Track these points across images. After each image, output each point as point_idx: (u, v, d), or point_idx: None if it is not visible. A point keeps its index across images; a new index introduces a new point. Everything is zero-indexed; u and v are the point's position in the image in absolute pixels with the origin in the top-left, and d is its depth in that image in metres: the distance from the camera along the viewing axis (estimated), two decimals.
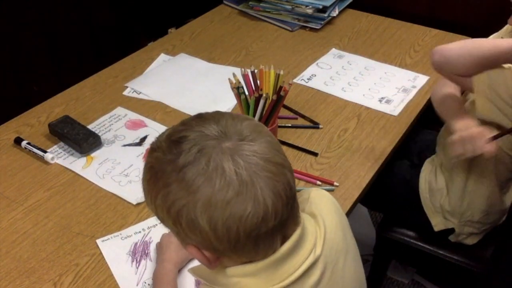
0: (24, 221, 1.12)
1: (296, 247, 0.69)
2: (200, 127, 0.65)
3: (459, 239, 1.38)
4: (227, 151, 0.62)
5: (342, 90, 1.54)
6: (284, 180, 0.64)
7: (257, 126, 0.68)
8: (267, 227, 0.63)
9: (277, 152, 0.66)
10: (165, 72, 1.62)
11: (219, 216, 0.61)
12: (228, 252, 0.66)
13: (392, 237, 1.48)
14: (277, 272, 0.68)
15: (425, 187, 1.39)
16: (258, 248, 0.65)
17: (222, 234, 0.62)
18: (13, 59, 1.77)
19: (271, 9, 1.90)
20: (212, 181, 0.61)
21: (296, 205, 0.68)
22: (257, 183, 0.61)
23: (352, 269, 0.79)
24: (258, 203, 0.61)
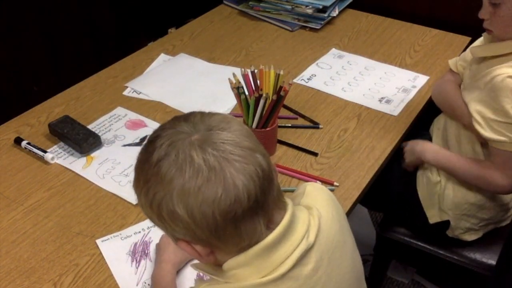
0: (24, 221, 1.12)
1: (286, 233, 0.70)
2: (172, 126, 0.70)
3: (456, 234, 1.38)
4: (195, 142, 0.66)
5: (342, 90, 1.54)
6: (254, 162, 0.66)
7: (226, 117, 0.71)
8: (242, 209, 0.65)
9: (246, 138, 0.69)
10: (165, 72, 1.62)
11: (194, 203, 0.64)
12: (214, 241, 0.68)
13: (392, 237, 1.48)
14: (269, 260, 0.69)
15: (422, 180, 1.40)
16: (240, 232, 0.67)
17: (200, 221, 0.65)
18: (13, 59, 1.77)
19: (271, 9, 1.90)
20: (182, 170, 0.64)
21: (275, 188, 0.70)
22: (226, 168, 0.64)
23: (350, 261, 0.79)
24: (228, 185, 0.64)
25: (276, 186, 0.71)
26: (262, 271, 0.69)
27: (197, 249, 0.70)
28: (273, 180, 0.70)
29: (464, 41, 1.74)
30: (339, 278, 0.76)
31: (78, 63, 1.97)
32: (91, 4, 1.96)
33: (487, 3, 1.17)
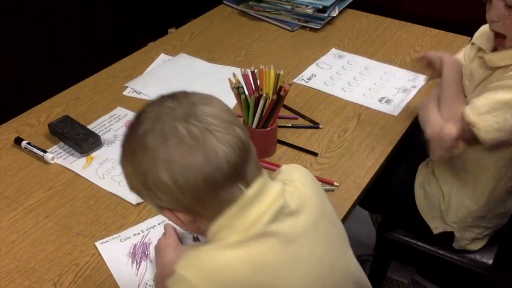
0: (24, 221, 1.12)
1: (260, 194, 0.74)
2: (158, 102, 0.74)
3: (462, 245, 1.37)
4: (180, 116, 0.71)
5: (342, 90, 1.54)
6: (234, 133, 0.72)
7: (208, 95, 0.76)
8: (222, 174, 0.70)
9: (226, 112, 0.74)
10: (165, 72, 1.62)
11: (177, 170, 0.69)
12: (197, 207, 0.72)
13: (392, 238, 1.48)
14: (244, 218, 0.72)
15: (420, 193, 1.39)
16: (220, 198, 0.71)
17: (184, 186, 0.69)
18: (13, 59, 1.77)
19: (271, 9, 1.90)
20: (167, 140, 0.69)
21: (253, 159, 0.75)
22: (207, 137, 0.69)
23: (336, 235, 0.83)
24: (210, 153, 0.69)
25: (254, 158, 0.75)
26: (239, 229, 0.72)
27: (180, 217, 0.75)
28: (251, 151, 0.75)
29: (464, 41, 1.74)
30: (324, 244, 0.79)
31: (78, 63, 1.97)
32: (91, 4, 1.96)
33: (501, 5, 1.14)
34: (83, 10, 1.94)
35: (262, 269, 0.71)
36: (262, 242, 0.72)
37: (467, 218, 1.32)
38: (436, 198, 1.35)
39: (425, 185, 1.38)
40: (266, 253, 0.72)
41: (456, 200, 1.32)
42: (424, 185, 1.38)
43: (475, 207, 1.30)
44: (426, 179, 1.39)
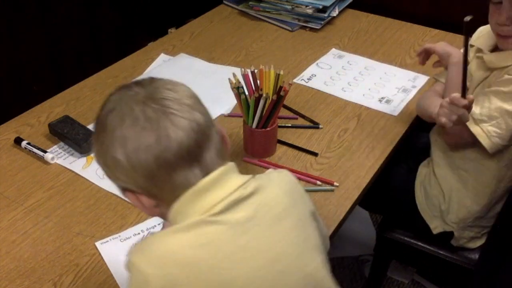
0: (24, 221, 1.12)
1: (218, 181, 0.75)
2: (126, 87, 0.77)
3: (461, 243, 1.37)
4: (140, 99, 0.73)
5: (342, 90, 1.54)
6: (191, 118, 0.73)
7: (175, 82, 0.78)
8: (174, 157, 0.71)
9: (189, 98, 0.75)
10: (165, 72, 1.62)
11: (131, 149, 0.71)
12: (153, 189, 0.74)
13: (392, 237, 1.48)
14: (199, 204, 0.74)
15: (420, 193, 1.39)
16: (173, 180, 0.73)
17: (137, 166, 0.72)
18: (13, 59, 1.77)
19: (271, 9, 1.90)
20: (124, 121, 0.72)
21: (212, 146, 0.76)
22: (161, 119, 0.71)
23: (302, 238, 0.80)
24: (161, 134, 0.71)
25: (215, 146, 0.76)
26: (192, 215, 0.74)
27: (143, 200, 0.77)
28: (211, 139, 0.75)
29: None
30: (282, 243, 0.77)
31: (78, 63, 1.97)
32: (92, 4, 1.96)
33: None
34: (83, 10, 1.94)
35: (207, 255, 0.72)
36: (210, 229, 0.72)
37: (467, 218, 1.32)
38: (437, 198, 1.35)
39: (425, 185, 1.38)
40: (213, 240, 0.72)
41: (457, 200, 1.32)
42: (424, 185, 1.38)
43: (476, 208, 1.31)
44: (426, 179, 1.39)
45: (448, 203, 1.33)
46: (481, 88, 1.25)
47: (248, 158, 1.28)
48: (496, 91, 1.17)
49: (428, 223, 1.38)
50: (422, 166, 1.43)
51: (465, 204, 1.31)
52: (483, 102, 1.18)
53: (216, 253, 0.72)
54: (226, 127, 1.39)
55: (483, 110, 1.17)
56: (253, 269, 0.74)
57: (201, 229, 0.72)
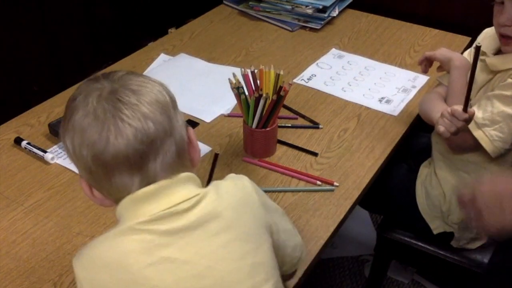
0: (24, 221, 1.12)
1: (157, 193, 0.74)
2: (96, 78, 0.77)
3: (461, 244, 1.37)
4: (102, 94, 0.73)
5: (342, 90, 1.54)
6: (139, 126, 0.71)
7: (149, 84, 0.76)
8: (111, 161, 0.71)
9: (149, 106, 0.73)
10: (165, 72, 1.62)
11: (76, 141, 0.73)
12: (94, 184, 0.76)
13: (392, 238, 1.48)
14: (136, 211, 0.74)
15: (421, 193, 1.39)
16: (111, 182, 0.73)
17: (79, 159, 0.73)
18: (13, 59, 1.77)
19: (271, 9, 1.90)
20: (78, 111, 0.73)
21: (159, 158, 0.74)
22: (107, 121, 0.71)
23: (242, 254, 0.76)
24: (102, 136, 0.71)
25: (163, 159, 0.74)
26: (127, 221, 0.74)
27: (95, 193, 0.78)
28: (159, 151, 0.74)
29: (464, 41, 1.74)
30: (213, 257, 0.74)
31: (78, 63, 1.97)
32: (91, 4, 1.96)
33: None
34: (83, 10, 1.94)
35: (132, 261, 0.71)
36: (135, 237, 0.72)
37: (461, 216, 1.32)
38: (437, 198, 1.35)
39: (426, 185, 1.38)
40: (137, 248, 0.72)
41: (450, 198, 1.32)
42: (425, 185, 1.38)
43: None
44: (427, 179, 1.38)
45: (449, 204, 1.33)
46: (484, 91, 1.24)
47: (248, 158, 1.28)
48: (499, 95, 1.17)
49: (429, 224, 1.38)
50: (423, 167, 1.43)
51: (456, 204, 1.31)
52: (486, 106, 1.17)
53: (139, 261, 0.71)
54: (226, 127, 1.39)
55: (485, 114, 1.17)
56: (177, 281, 0.72)
57: (128, 236, 0.73)
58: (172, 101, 0.78)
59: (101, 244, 0.75)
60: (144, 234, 0.72)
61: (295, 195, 1.18)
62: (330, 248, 1.97)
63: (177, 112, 0.79)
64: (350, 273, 1.93)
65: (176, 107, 0.79)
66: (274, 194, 1.18)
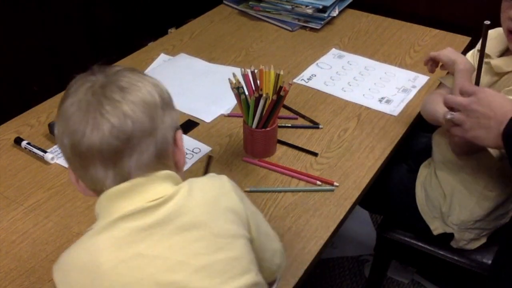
0: (24, 221, 1.12)
1: (131, 190, 0.75)
2: (94, 70, 0.78)
3: (460, 245, 1.37)
4: (94, 85, 0.75)
5: (342, 90, 1.54)
6: (117, 123, 0.72)
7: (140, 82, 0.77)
8: (86, 153, 0.73)
9: (134, 103, 0.74)
10: (165, 72, 1.62)
11: (61, 127, 0.75)
12: (76, 173, 0.78)
13: (393, 238, 1.48)
14: (109, 210, 0.75)
15: (421, 194, 1.39)
16: (86, 173, 0.75)
17: (61, 145, 0.76)
18: (13, 59, 1.77)
19: (271, 9, 1.91)
20: (67, 98, 0.76)
21: (135, 156, 0.75)
22: (88, 113, 0.73)
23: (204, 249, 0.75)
24: (80, 127, 0.73)
25: (139, 157, 0.75)
26: (101, 220, 0.76)
27: (80, 182, 0.79)
28: (136, 147, 0.74)
29: (464, 41, 1.74)
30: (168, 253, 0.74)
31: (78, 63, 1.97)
32: (91, 4, 1.96)
33: None
34: (83, 10, 1.94)
35: (104, 259, 0.72)
36: (106, 235, 0.73)
37: (469, 221, 1.31)
38: (437, 199, 1.35)
39: (426, 186, 1.38)
40: (107, 245, 0.72)
41: (459, 202, 1.31)
42: (425, 186, 1.38)
43: (479, 211, 1.30)
44: (427, 180, 1.38)
45: (449, 204, 1.33)
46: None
47: (248, 158, 1.28)
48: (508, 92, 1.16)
49: (428, 224, 1.38)
50: (423, 167, 1.42)
51: (468, 206, 1.30)
52: None
53: (111, 259, 0.72)
54: (226, 127, 1.39)
55: None
56: (149, 276, 0.72)
57: (101, 235, 0.74)
58: (163, 102, 0.78)
59: (77, 247, 0.76)
60: (116, 231, 0.73)
61: (295, 195, 1.18)
62: (330, 248, 1.97)
63: (166, 114, 0.78)
64: (350, 273, 1.93)
65: (166, 108, 0.79)
66: (274, 194, 1.18)
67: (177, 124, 0.83)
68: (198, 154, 1.29)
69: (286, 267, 1.01)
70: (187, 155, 1.29)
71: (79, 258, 0.75)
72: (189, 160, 1.27)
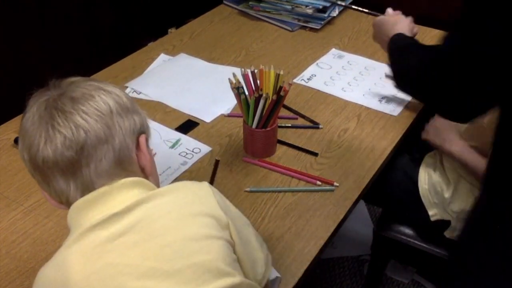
0: (24, 221, 1.12)
1: (96, 200, 0.76)
2: (52, 84, 0.81)
3: (454, 235, 1.37)
4: (48, 99, 0.77)
5: (342, 90, 1.54)
6: (68, 134, 0.74)
7: (92, 96, 0.78)
8: (44, 166, 0.75)
9: (87, 116, 0.75)
10: (165, 72, 1.62)
11: (20, 143, 0.78)
12: (39, 183, 0.79)
13: (389, 236, 1.48)
14: (78, 221, 0.76)
15: (424, 178, 1.39)
16: (49, 186, 0.77)
17: (22, 159, 0.78)
18: (13, 59, 1.77)
19: (271, 9, 1.91)
20: (25, 114, 0.78)
21: (92, 165, 0.75)
22: (41, 126, 0.75)
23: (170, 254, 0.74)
24: (34, 141, 0.75)
25: (97, 166, 0.76)
26: (73, 232, 0.76)
27: (44, 192, 0.80)
28: (91, 157, 0.75)
29: None
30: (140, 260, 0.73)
31: (78, 63, 1.97)
32: (91, 4, 1.96)
33: None
34: (83, 10, 1.94)
35: (71, 278, 0.71)
36: (79, 248, 0.73)
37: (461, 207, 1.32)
38: (440, 185, 1.35)
39: (430, 171, 1.38)
40: (78, 260, 0.72)
41: (465, 190, 1.31)
42: (429, 171, 1.39)
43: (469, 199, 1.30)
44: (432, 166, 1.39)
45: (452, 191, 1.33)
46: None
47: (248, 158, 1.28)
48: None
49: (427, 209, 1.38)
50: (428, 157, 1.43)
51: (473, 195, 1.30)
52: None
53: (82, 272, 0.71)
54: (226, 127, 1.39)
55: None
56: (121, 285, 0.71)
57: (72, 248, 0.73)
58: (120, 108, 0.79)
59: (50, 262, 0.75)
60: (86, 243, 0.73)
61: (295, 195, 1.18)
62: (330, 248, 1.97)
63: (125, 119, 0.79)
64: (350, 273, 1.93)
65: (125, 114, 0.79)
66: (274, 194, 1.18)
67: (142, 128, 0.83)
68: (198, 154, 1.29)
69: (286, 267, 1.01)
70: (187, 155, 1.29)
71: (50, 274, 0.74)
72: (189, 160, 1.27)
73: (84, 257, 0.72)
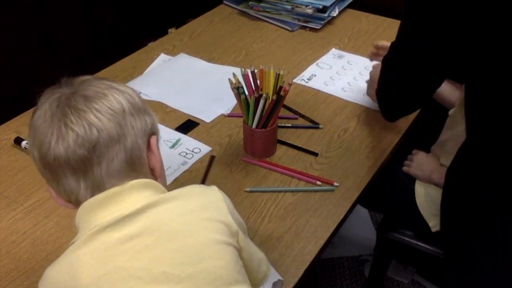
0: (24, 221, 1.12)
1: (107, 200, 0.75)
2: (62, 81, 0.80)
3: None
4: (61, 97, 0.76)
5: (342, 90, 1.54)
6: (81, 133, 0.73)
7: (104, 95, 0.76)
8: (54, 164, 0.73)
9: (99, 114, 0.74)
10: (165, 72, 1.62)
11: (30, 139, 0.76)
12: (47, 182, 0.78)
13: (392, 237, 1.48)
14: (89, 222, 0.75)
15: (420, 191, 1.39)
16: (58, 184, 0.76)
17: (32, 157, 0.77)
18: (13, 59, 1.77)
19: (271, 9, 1.91)
20: (36, 111, 0.77)
21: (103, 165, 0.74)
22: (53, 124, 0.73)
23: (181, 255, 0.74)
24: (46, 139, 0.73)
25: (108, 166, 0.75)
26: (82, 233, 0.75)
27: (51, 191, 0.79)
28: (103, 156, 0.74)
29: None
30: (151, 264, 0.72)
31: (78, 63, 1.97)
32: (91, 4, 1.96)
33: None
34: (83, 10, 1.94)
35: (80, 279, 0.70)
36: (89, 249, 0.72)
37: None
38: (437, 196, 1.35)
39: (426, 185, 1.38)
40: (88, 261, 0.71)
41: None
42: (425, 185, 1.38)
43: None
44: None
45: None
46: None
47: (248, 158, 1.28)
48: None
49: (427, 221, 1.38)
50: None
51: None
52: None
53: (91, 274, 0.70)
54: (226, 127, 1.39)
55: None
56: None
57: (81, 250, 0.72)
58: (133, 108, 0.78)
59: (59, 262, 0.75)
60: (96, 245, 0.72)
61: (295, 195, 1.18)
62: (330, 248, 1.97)
63: (137, 119, 0.78)
64: (350, 273, 1.93)
65: (137, 114, 0.78)
66: (274, 194, 1.18)
67: (153, 129, 0.82)
68: (198, 154, 1.29)
69: (286, 267, 1.01)
70: (187, 155, 1.29)
71: (59, 275, 0.73)
72: (189, 160, 1.27)
73: (95, 259, 0.71)
